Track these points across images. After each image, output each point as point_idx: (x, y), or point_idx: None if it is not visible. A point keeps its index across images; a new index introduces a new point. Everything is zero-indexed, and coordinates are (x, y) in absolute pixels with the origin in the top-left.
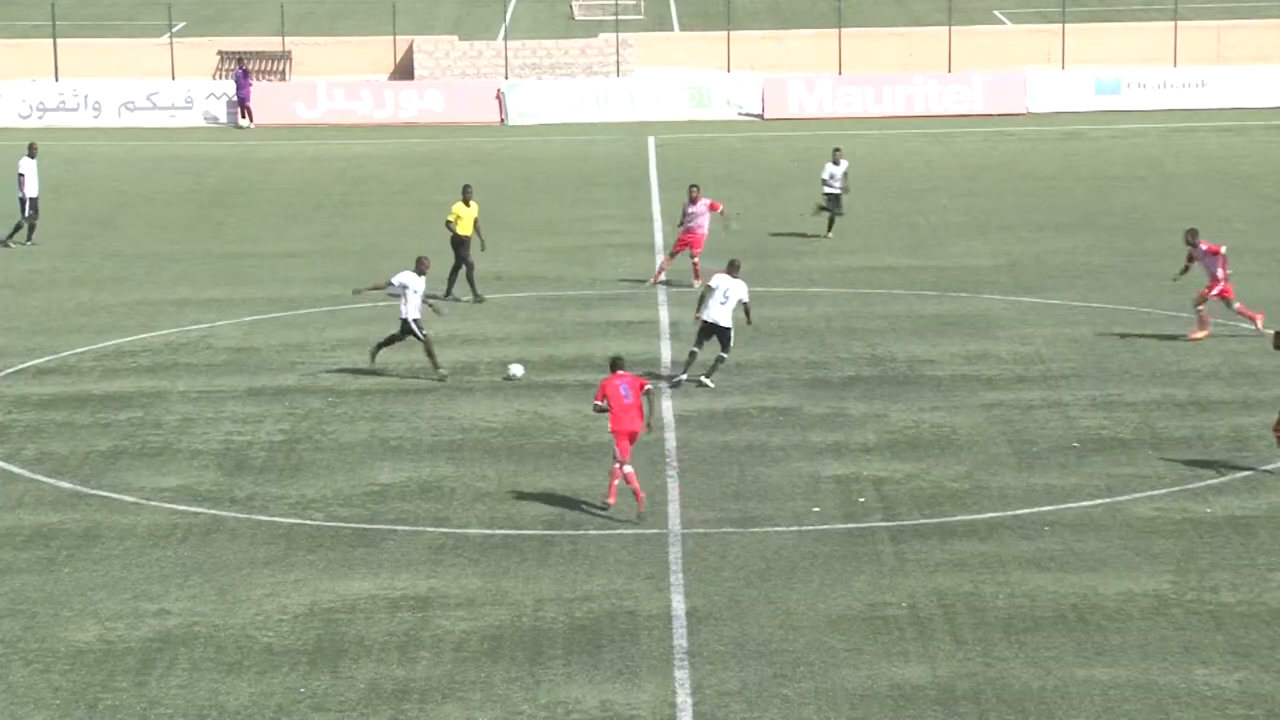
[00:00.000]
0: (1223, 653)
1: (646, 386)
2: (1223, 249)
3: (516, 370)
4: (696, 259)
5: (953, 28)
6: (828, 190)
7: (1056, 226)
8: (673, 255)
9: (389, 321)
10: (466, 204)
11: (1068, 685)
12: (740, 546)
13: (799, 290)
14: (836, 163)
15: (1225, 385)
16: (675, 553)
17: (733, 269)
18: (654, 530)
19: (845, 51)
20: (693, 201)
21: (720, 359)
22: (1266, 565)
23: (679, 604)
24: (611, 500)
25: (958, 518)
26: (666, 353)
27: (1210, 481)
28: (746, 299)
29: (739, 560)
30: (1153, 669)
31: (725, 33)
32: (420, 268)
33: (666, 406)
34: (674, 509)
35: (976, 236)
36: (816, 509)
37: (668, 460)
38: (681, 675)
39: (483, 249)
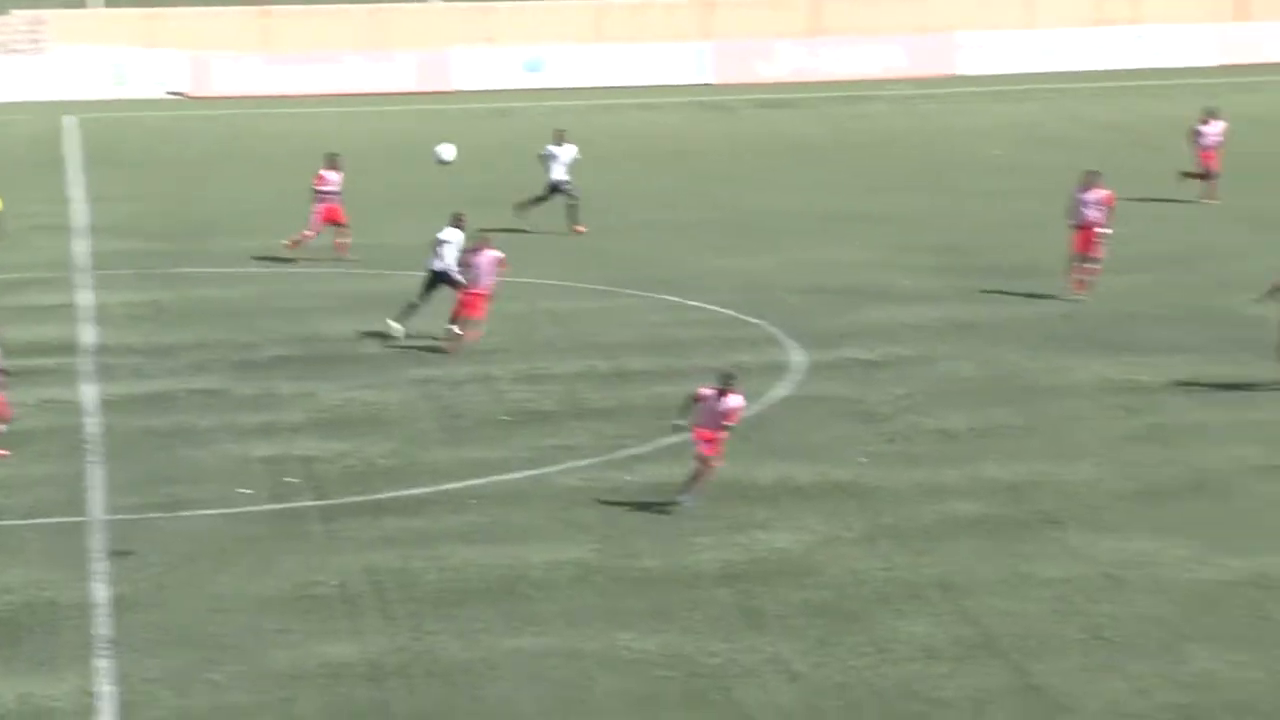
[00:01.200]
0: (645, 617)
1: None
2: (498, 271)
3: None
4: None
5: (382, 5)
6: (556, 178)
7: (490, 203)
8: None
9: None
10: None
11: (495, 655)
12: (167, 531)
13: (227, 271)
14: (560, 144)
15: (646, 355)
16: (97, 540)
17: (457, 221)
18: (75, 518)
19: (275, 30)
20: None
21: None
22: (687, 529)
23: (101, 592)
24: None
25: (388, 494)
26: (90, 336)
27: (633, 450)
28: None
29: (166, 545)
30: (578, 636)
31: (149, 10)
32: None
33: (90, 391)
34: (96, 496)
35: (404, 215)
36: (246, 490)
37: (89, 446)
38: (103, 664)
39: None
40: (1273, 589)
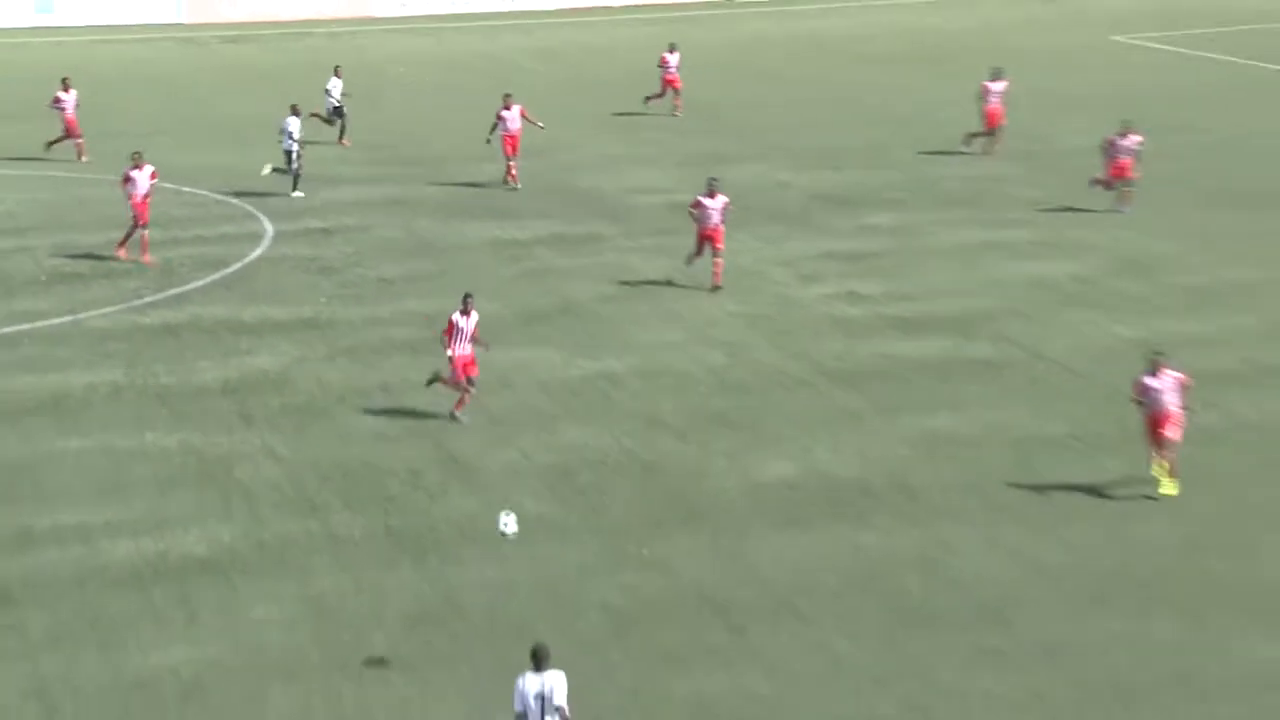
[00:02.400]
0: (165, 421)
1: None
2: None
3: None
4: None
5: None
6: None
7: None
8: None
9: None
10: None
11: (50, 453)
12: None
13: None
14: (339, 75)
15: (155, 228)
16: None
17: (295, 111)
18: None
19: None
20: None
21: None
22: (193, 356)
23: None
24: None
25: None
26: None
27: (148, 299)
28: None
29: None
30: (114, 437)
31: None
32: None
33: None
34: None
35: None
36: None
37: None
38: None
39: None
40: (616, 380)
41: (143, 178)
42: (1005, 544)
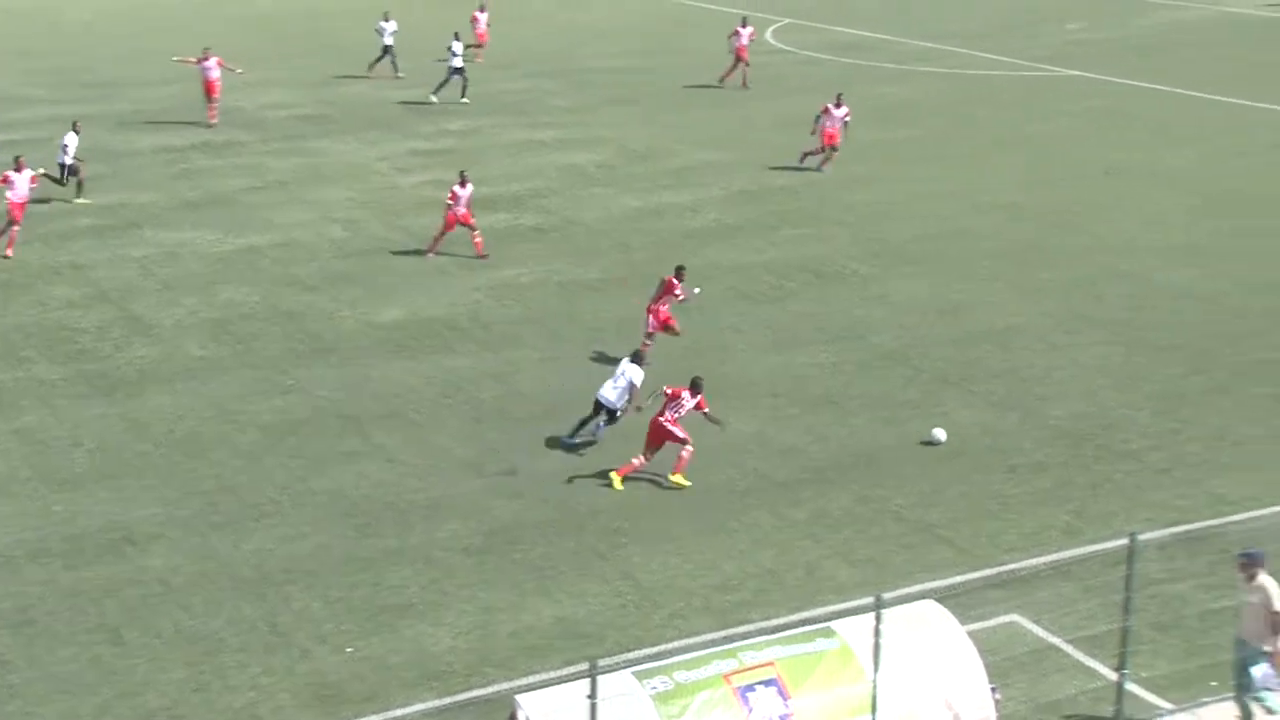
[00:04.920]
0: None
1: None
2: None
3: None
4: None
5: None
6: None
7: None
8: None
9: None
10: None
11: None
12: None
13: None
14: (460, 40)
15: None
16: None
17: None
18: None
19: None
20: None
21: None
22: None
23: None
24: None
25: None
26: None
27: None
28: None
29: None
30: None
31: None
32: None
33: None
34: None
35: None
36: None
37: None
38: None
39: None
40: (259, 252)
41: (21, 180)
42: (558, 361)
